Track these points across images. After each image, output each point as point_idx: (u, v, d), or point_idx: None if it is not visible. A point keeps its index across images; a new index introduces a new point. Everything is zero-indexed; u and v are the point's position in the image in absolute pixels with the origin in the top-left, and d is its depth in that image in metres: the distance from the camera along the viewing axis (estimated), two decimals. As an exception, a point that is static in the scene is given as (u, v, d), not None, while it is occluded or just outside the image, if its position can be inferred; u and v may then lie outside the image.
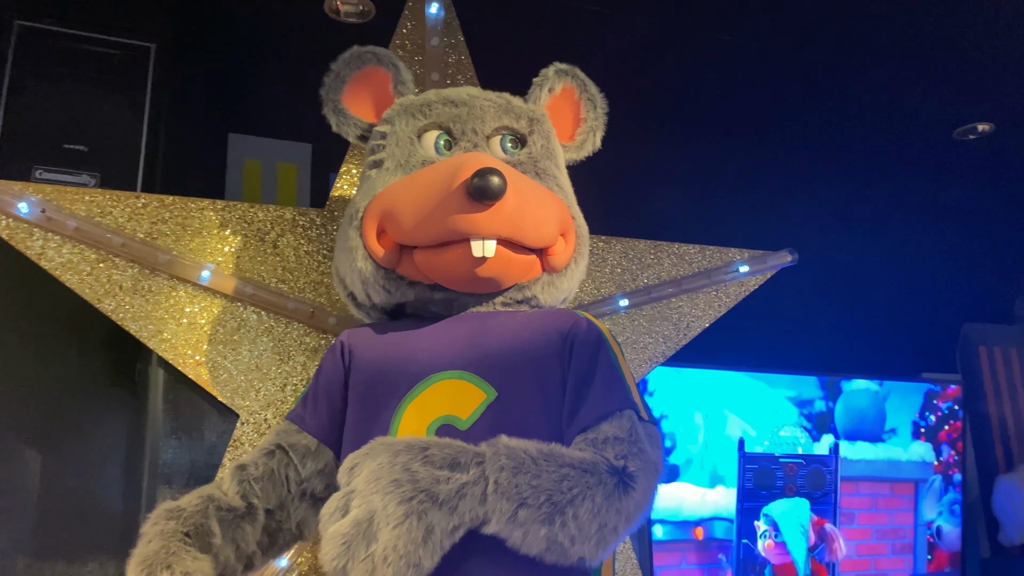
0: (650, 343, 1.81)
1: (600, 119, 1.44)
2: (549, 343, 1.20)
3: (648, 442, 1.13)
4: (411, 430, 1.16)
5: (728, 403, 2.15)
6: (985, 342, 2.60)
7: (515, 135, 1.32)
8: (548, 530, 1.03)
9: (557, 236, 1.27)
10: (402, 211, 1.21)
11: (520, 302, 1.30)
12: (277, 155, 2.37)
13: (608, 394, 1.16)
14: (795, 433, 2.21)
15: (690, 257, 1.86)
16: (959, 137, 2.59)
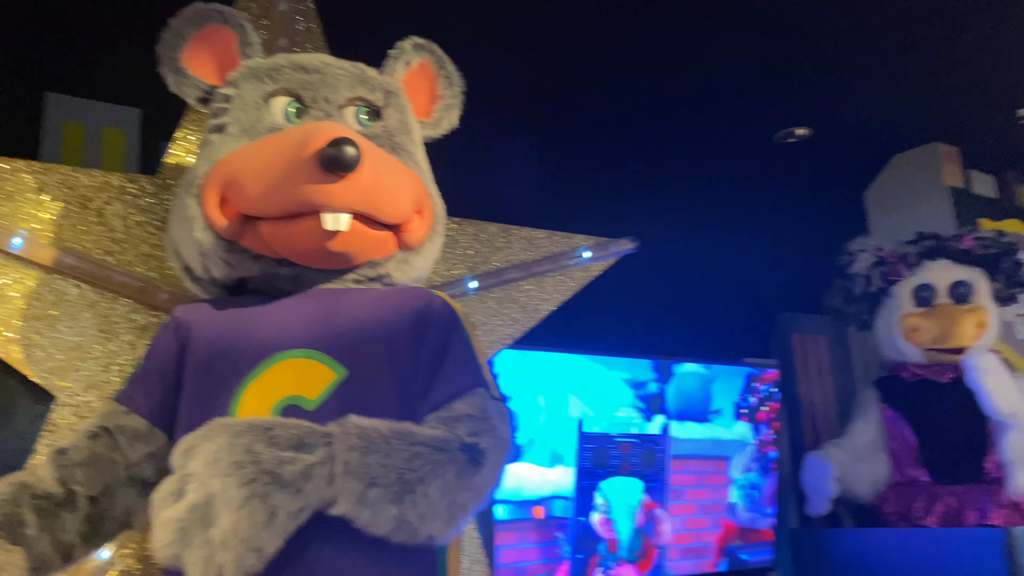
0: (499, 325, 1.83)
1: (457, 97, 1.43)
2: (402, 321, 1.18)
3: (499, 419, 1.14)
4: (253, 411, 1.11)
5: (569, 385, 2.21)
6: (799, 330, 2.83)
7: (370, 107, 1.29)
8: (398, 509, 1.02)
9: (413, 213, 1.24)
10: (247, 179, 1.14)
11: (373, 279, 1.27)
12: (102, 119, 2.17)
13: (461, 372, 1.16)
14: (630, 414, 2.31)
15: (539, 242, 1.89)
16: (780, 140, 2.79)
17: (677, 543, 2.38)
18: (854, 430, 2.54)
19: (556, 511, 2.18)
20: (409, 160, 1.28)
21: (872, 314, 2.57)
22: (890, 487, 2.46)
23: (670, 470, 2.38)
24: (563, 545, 2.18)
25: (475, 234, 1.83)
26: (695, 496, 2.45)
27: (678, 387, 2.42)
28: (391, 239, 1.23)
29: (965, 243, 2.49)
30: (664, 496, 2.36)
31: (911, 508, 2.38)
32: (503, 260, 1.85)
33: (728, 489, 2.50)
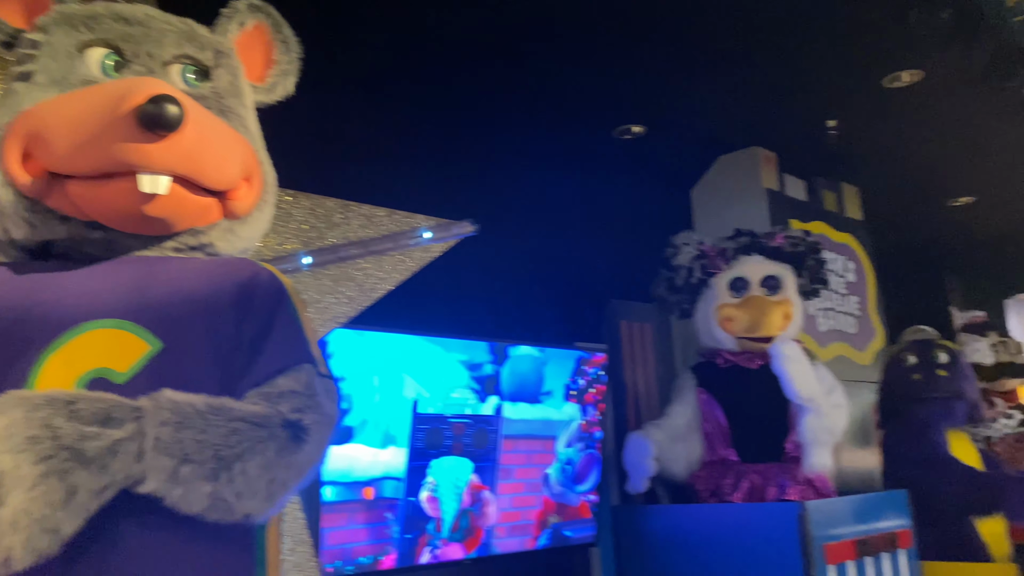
0: (333, 303, 1.79)
1: (294, 63, 1.38)
2: (225, 293, 1.13)
3: (325, 396, 1.12)
4: (56, 384, 1.03)
5: (405, 366, 2.21)
6: (626, 317, 2.96)
7: (198, 66, 1.22)
8: (212, 487, 0.98)
9: (240, 179, 1.19)
10: (55, 133, 1.05)
11: (194, 248, 1.20)
12: None
13: (287, 348, 1.13)
14: (465, 395, 2.34)
15: (378, 220, 1.87)
16: (617, 136, 2.91)
17: (505, 521, 2.44)
18: (672, 412, 2.69)
19: (387, 492, 2.17)
20: (239, 125, 1.22)
21: (693, 303, 2.74)
22: (703, 466, 2.63)
23: (501, 450, 2.43)
24: (392, 526, 2.17)
25: (311, 208, 1.78)
26: (524, 475, 2.52)
27: (512, 369, 2.47)
28: (215, 206, 1.17)
29: (776, 241, 2.70)
30: (494, 476, 2.41)
31: (720, 485, 2.56)
32: (340, 237, 1.81)
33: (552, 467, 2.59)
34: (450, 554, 2.30)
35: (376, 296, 1.84)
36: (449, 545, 2.29)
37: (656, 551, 2.58)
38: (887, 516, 2.58)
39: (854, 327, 3.30)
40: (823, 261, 2.78)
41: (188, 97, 1.11)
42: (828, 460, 2.51)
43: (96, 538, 0.97)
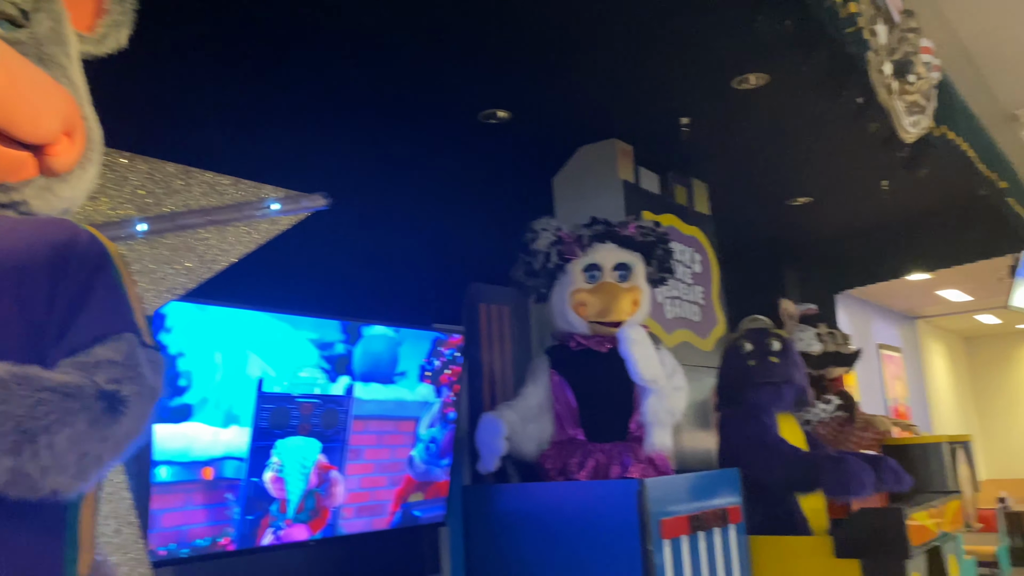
0: (171, 273, 1.71)
1: (128, 14, 1.30)
2: (37, 254, 1.05)
3: (147, 367, 1.06)
4: None
5: (250, 343, 2.13)
6: (486, 299, 2.99)
7: (15, 8, 1.12)
8: (15, 461, 0.91)
9: (60, 133, 1.10)
10: None
11: (5, 206, 1.11)
12: None
13: (107, 315, 1.07)
14: (314, 374, 2.29)
15: (223, 188, 1.79)
16: (482, 120, 2.92)
17: (353, 502, 2.41)
18: (525, 393, 2.75)
19: (228, 472, 2.10)
20: (60, 75, 1.14)
21: (549, 288, 2.80)
22: (552, 445, 2.70)
23: (351, 430, 2.39)
24: (233, 507, 2.10)
25: (149, 173, 1.68)
26: (374, 456, 2.49)
27: (366, 349, 2.44)
28: (30, 161, 1.08)
29: (628, 230, 2.79)
30: (343, 456, 2.38)
31: (567, 464, 2.63)
32: (180, 204, 1.72)
33: (411, 448, 2.58)
34: (294, 535, 2.25)
35: (217, 268, 1.76)
36: (294, 526, 2.24)
37: (504, 529, 2.63)
38: (720, 493, 2.74)
39: (698, 315, 3.47)
40: (671, 251, 2.91)
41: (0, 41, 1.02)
42: (668, 440, 2.63)
43: None
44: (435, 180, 3.02)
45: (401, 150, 2.89)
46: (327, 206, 1.95)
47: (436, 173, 3.04)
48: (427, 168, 3.02)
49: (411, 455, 2.59)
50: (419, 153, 2.98)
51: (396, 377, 2.54)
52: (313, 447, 2.29)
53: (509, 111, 2.89)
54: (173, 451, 1.95)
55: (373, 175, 2.70)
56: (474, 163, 3.17)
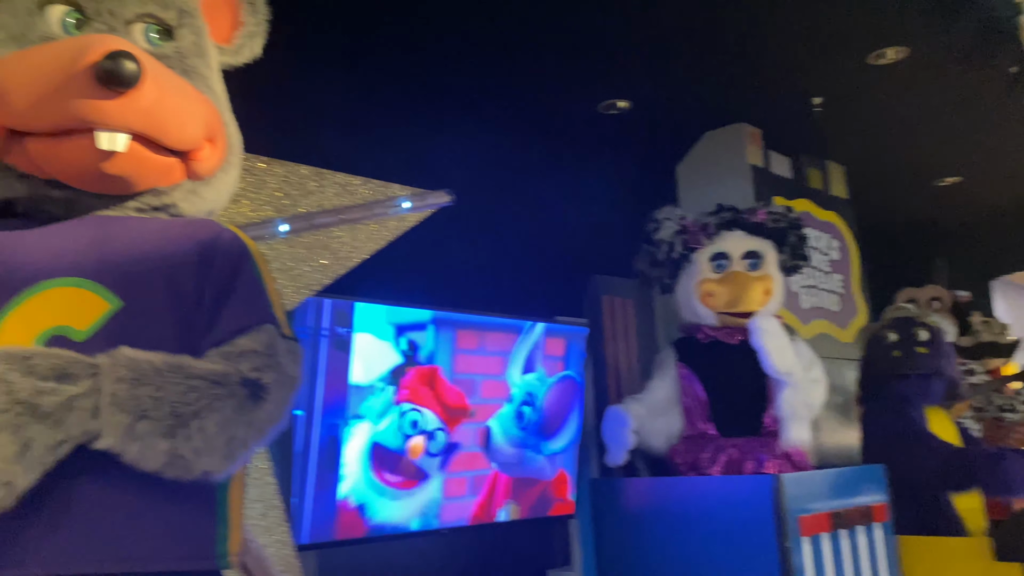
0: (307, 271, 1.79)
1: (261, 25, 1.37)
2: (187, 253, 1.13)
3: (286, 357, 1.12)
4: (14, 341, 1.03)
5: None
6: (609, 292, 2.97)
7: (161, 25, 1.21)
8: (170, 443, 0.98)
9: (203, 140, 1.18)
10: (12, 89, 1.04)
11: (157, 209, 1.20)
12: None
13: (248, 308, 1.13)
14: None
15: (353, 188, 1.86)
16: (602, 111, 2.90)
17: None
18: (652, 386, 2.71)
19: (364, 461, 2.18)
20: (202, 85, 1.22)
21: (674, 279, 2.74)
22: (682, 439, 2.65)
23: (480, 422, 2.44)
24: (370, 495, 2.19)
25: (286, 176, 1.77)
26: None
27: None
28: (178, 166, 1.17)
29: (758, 216, 2.70)
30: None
31: (699, 459, 2.57)
32: (314, 205, 1.80)
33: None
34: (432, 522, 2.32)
35: (350, 265, 1.84)
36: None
37: (635, 523, 2.60)
38: (864, 490, 2.60)
39: (837, 305, 3.31)
40: (805, 237, 2.78)
41: (148, 55, 1.10)
42: (806, 434, 2.52)
43: (54, 493, 0.97)
44: (555, 173, 3.02)
45: (521, 145, 2.92)
46: (451, 202, 1.99)
47: (556, 166, 3.04)
48: (547, 162, 3.03)
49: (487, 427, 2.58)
50: (539, 147, 2.99)
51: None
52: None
53: (629, 100, 2.86)
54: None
55: (494, 171, 2.74)
56: (594, 154, 3.15)
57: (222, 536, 1.10)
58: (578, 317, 2.78)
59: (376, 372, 2.20)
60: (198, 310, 1.11)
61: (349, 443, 2.12)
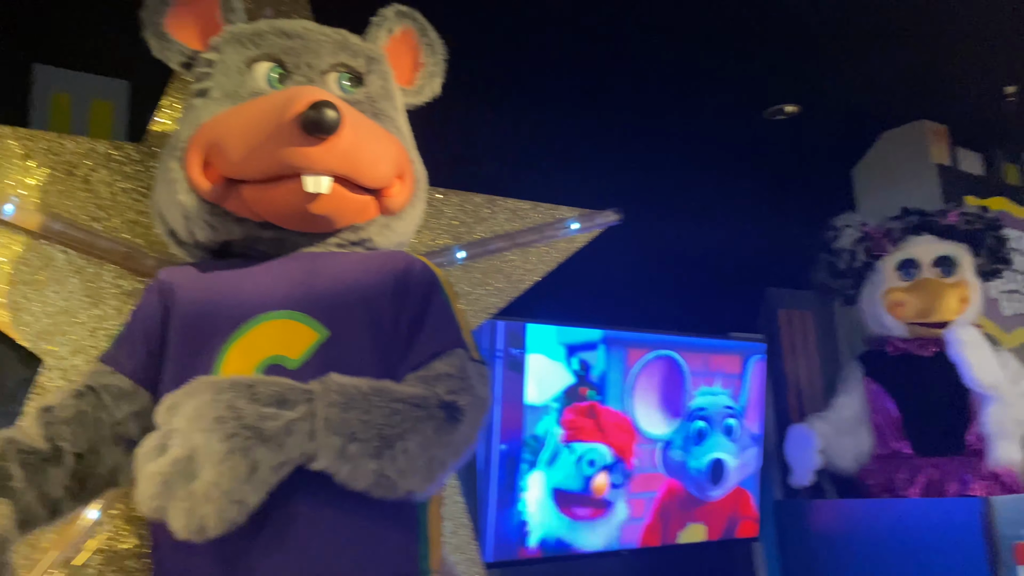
0: (483, 295, 1.85)
1: (439, 65, 1.44)
2: (383, 284, 1.20)
3: (477, 380, 1.16)
4: (237, 370, 1.13)
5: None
6: (785, 305, 2.85)
7: (352, 73, 1.30)
8: (377, 464, 1.04)
9: (394, 177, 1.26)
10: (230, 142, 1.16)
11: (355, 243, 1.28)
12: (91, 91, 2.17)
13: (440, 333, 1.18)
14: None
15: (523, 212, 1.91)
16: (768, 117, 2.80)
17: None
18: (838, 403, 2.57)
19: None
20: (391, 126, 1.30)
21: (857, 289, 2.60)
22: (873, 459, 2.49)
23: (656, 442, 2.41)
24: (549, 514, 2.21)
25: (460, 204, 1.84)
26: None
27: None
28: (372, 203, 1.25)
29: (950, 219, 2.51)
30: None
31: (894, 480, 2.41)
32: (488, 231, 1.86)
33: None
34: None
35: (523, 287, 1.88)
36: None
37: (824, 548, 2.46)
38: (1092, 516, 2.33)
39: (1045, 310, 3.00)
40: (1004, 239, 2.55)
41: (344, 102, 1.19)
42: (1016, 453, 2.30)
43: (277, 511, 1.05)
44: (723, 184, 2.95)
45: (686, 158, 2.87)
46: (619, 221, 1.99)
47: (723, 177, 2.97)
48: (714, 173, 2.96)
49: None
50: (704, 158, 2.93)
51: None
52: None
53: (797, 104, 2.74)
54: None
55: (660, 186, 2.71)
56: (761, 162, 3.05)
57: (424, 554, 1.15)
58: (753, 332, 2.69)
59: (549, 392, 2.23)
60: (395, 336, 1.17)
61: (528, 491, 2.16)
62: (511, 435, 2.15)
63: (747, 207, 2.89)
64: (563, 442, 2.23)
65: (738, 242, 2.89)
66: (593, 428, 2.29)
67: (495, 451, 2.12)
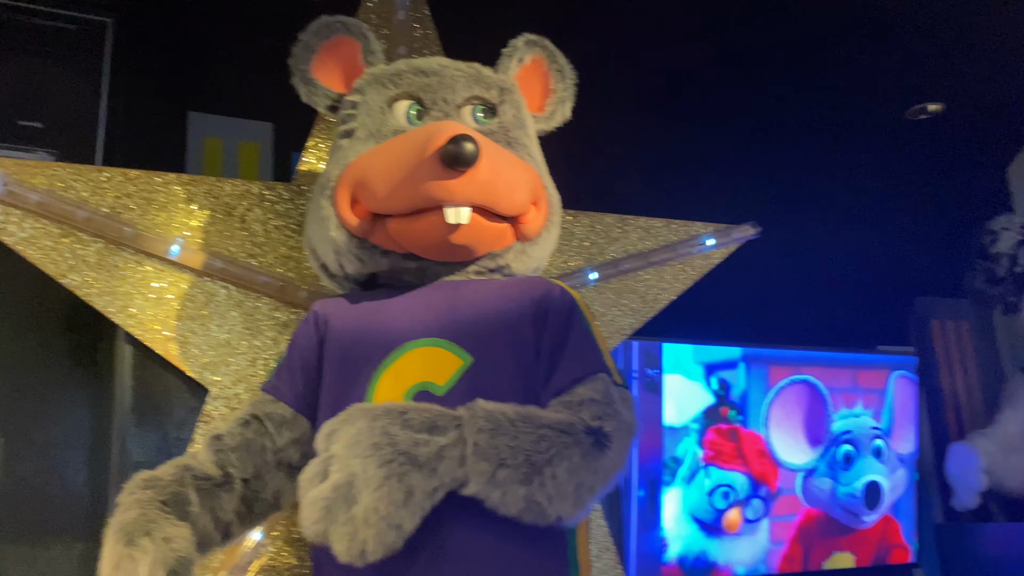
0: (618, 316, 1.84)
1: (569, 90, 1.45)
2: (523, 309, 1.21)
3: (622, 404, 1.15)
4: (387, 397, 1.17)
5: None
6: (938, 315, 2.68)
7: (486, 105, 1.33)
8: (527, 490, 1.04)
9: (529, 204, 1.28)
10: (375, 179, 1.21)
11: (493, 270, 1.31)
12: (238, 134, 2.33)
13: (582, 358, 1.18)
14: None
15: (656, 231, 1.88)
16: (910, 117, 2.66)
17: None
18: (1003, 419, 2.40)
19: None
20: (524, 154, 1.32)
21: (1019, 296, 2.42)
22: (1048, 480, 2.30)
23: (801, 462, 2.31)
24: (691, 537, 2.16)
25: (591, 225, 1.84)
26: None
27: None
28: (509, 231, 1.27)
29: (1123, 216, 2.30)
30: (795, 489, 2.30)
31: (1073, 502, 2.22)
32: (620, 250, 1.85)
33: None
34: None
35: (659, 307, 1.85)
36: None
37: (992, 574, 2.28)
38: None
39: None
40: None
41: (480, 134, 1.22)
42: None
43: (431, 536, 1.07)
44: (862, 190, 2.82)
45: (824, 163, 2.76)
46: (757, 235, 1.94)
47: (864, 182, 2.83)
48: (854, 178, 2.83)
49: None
50: (844, 164, 2.81)
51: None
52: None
53: (941, 103, 2.59)
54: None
55: (798, 194, 2.62)
56: (903, 166, 2.89)
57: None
58: (903, 345, 2.54)
59: (688, 413, 2.18)
60: (537, 362, 1.18)
61: (665, 506, 2.12)
62: (650, 457, 2.12)
63: (891, 212, 2.74)
64: (703, 462, 2.17)
65: (883, 250, 2.75)
66: (733, 452, 2.22)
67: (634, 473, 2.09)
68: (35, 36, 1.84)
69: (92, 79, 1.89)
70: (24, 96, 1.79)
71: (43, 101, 1.81)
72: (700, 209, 1.95)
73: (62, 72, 1.85)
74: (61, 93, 1.83)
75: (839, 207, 2.74)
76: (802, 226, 2.58)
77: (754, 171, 2.53)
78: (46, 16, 1.85)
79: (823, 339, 2.43)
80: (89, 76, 1.88)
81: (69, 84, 1.84)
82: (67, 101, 1.83)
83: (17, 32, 1.82)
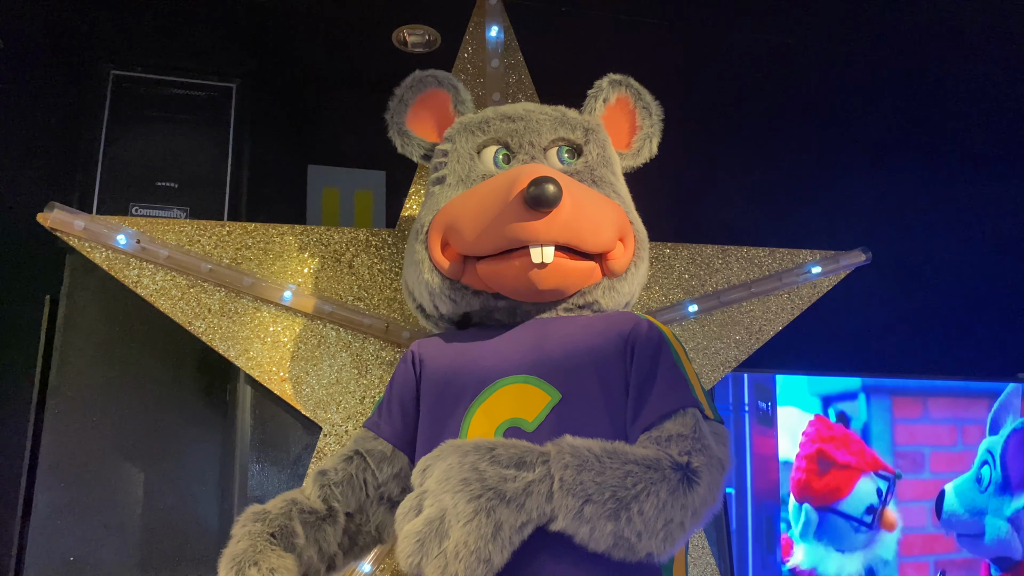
0: (722, 348, 1.81)
1: (656, 126, 1.46)
2: (611, 345, 1.22)
3: (713, 439, 1.13)
4: (480, 433, 1.20)
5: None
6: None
7: (571, 146, 1.36)
8: (614, 526, 1.04)
9: (615, 241, 1.29)
10: (464, 223, 1.26)
11: (582, 307, 1.33)
12: (353, 183, 2.47)
13: (671, 393, 1.17)
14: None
15: (759, 260, 1.85)
16: None
17: None
18: None
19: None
20: (610, 191, 1.33)
21: None
22: None
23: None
24: None
25: (690, 257, 1.83)
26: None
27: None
28: (596, 268, 1.28)
29: None
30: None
31: None
32: (722, 281, 1.83)
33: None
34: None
35: (765, 338, 1.81)
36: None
37: None
38: None
39: None
40: None
41: (564, 175, 1.25)
42: None
43: (522, 571, 1.09)
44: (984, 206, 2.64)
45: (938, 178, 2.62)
46: (868, 260, 1.86)
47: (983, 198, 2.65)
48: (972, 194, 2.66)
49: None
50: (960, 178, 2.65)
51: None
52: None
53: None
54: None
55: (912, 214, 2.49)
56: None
57: (668, 617, 1.13)
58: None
59: (805, 446, 2.10)
60: (625, 397, 1.19)
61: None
62: (765, 492, 2.05)
63: (1007, 229, 2.55)
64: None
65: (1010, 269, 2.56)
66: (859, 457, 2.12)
67: (748, 509, 2.03)
68: (170, 104, 2.03)
69: (220, 139, 2.05)
70: (162, 159, 1.98)
71: (177, 163, 1.98)
72: (803, 234, 1.90)
73: (194, 135, 2.02)
74: (192, 154, 2.00)
75: (960, 225, 2.58)
76: (922, 248, 2.45)
77: (867, 193, 2.43)
78: (179, 86, 2.03)
79: (955, 367, 2.28)
80: (217, 137, 2.05)
81: (200, 146, 2.02)
82: (198, 161, 2.00)
83: (154, 102, 2.01)
